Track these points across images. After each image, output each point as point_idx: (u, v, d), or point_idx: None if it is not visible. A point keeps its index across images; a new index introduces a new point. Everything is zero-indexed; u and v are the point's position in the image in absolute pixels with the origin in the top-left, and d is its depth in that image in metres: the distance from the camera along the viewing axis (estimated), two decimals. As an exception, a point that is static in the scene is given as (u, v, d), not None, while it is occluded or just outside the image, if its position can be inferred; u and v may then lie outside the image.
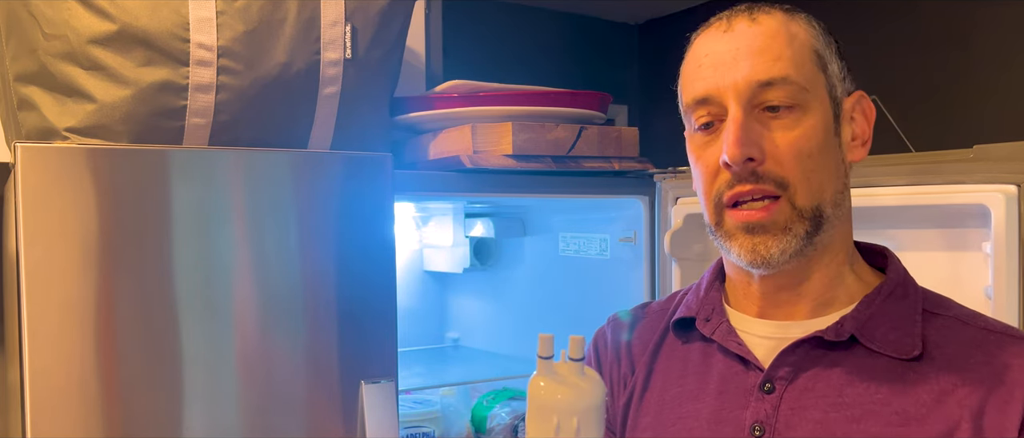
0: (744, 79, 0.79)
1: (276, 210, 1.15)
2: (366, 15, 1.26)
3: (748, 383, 0.83)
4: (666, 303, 0.98)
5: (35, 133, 1.14)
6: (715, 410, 0.84)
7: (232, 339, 1.12)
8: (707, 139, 0.82)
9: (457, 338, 2.07)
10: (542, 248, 1.85)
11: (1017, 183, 1.06)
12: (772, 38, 0.80)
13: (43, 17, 1.10)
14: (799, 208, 0.79)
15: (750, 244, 0.80)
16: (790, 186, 0.79)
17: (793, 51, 0.80)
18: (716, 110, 0.81)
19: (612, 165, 1.43)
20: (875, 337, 0.80)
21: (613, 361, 0.97)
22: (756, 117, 0.79)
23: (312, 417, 1.17)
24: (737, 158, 0.77)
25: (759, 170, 0.78)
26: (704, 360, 0.88)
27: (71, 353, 1.03)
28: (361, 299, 1.20)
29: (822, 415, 0.78)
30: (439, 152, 1.41)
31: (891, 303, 0.82)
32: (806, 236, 0.79)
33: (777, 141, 0.79)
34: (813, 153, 0.80)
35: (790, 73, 0.79)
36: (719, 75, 0.80)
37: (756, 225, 0.79)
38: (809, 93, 0.80)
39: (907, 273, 0.85)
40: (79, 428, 1.03)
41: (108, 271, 1.05)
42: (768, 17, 0.82)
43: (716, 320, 0.88)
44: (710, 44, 0.83)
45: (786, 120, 0.79)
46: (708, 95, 0.81)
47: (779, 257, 0.79)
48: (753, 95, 0.79)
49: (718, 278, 0.93)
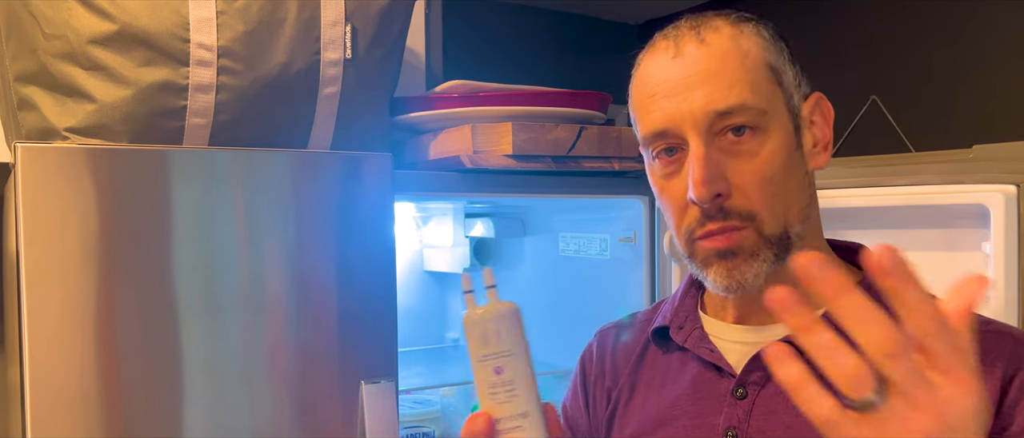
0: (701, 109, 0.77)
1: (276, 210, 1.15)
2: (366, 15, 1.26)
3: (721, 389, 0.83)
4: (651, 312, 0.98)
5: (35, 133, 1.14)
6: (693, 416, 0.84)
7: (232, 339, 1.12)
8: (668, 169, 0.81)
9: (457, 338, 2.07)
10: (542, 248, 1.85)
11: (1016, 183, 1.06)
12: (723, 61, 0.78)
13: (43, 17, 1.10)
14: (766, 236, 0.79)
15: (725, 270, 0.79)
16: (756, 217, 0.78)
17: (746, 71, 0.78)
18: (675, 141, 0.80)
19: (612, 165, 1.43)
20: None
21: (597, 375, 0.98)
22: (717, 145, 0.78)
23: (312, 417, 1.17)
24: (705, 197, 0.76)
25: (726, 206, 0.78)
26: (681, 368, 0.88)
27: (71, 353, 1.03)
28: (361, 299, 1.21)
29: (793, 419, 0.78)
30: (439, 152, 1.41)
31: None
32: (775, 259, 0.79)
33: (741, 169, 0.78)
34: (775, 178, 0.78)
35: (747, 99, 0.77)
36: (674, 105, 0.78)
37: (726, 251, 0.79)
38: (768, 115, 0.78)
39: None
40: (79, 428, 1.03)
41: (108, 271, 1.05)
42: (716, 35, 0.79)
43: (689, 327, 0.88)
44: (660, 71, 0.80)
45: (750, 143, 0.78)
46: (665, 128, 0.79)
47: (752, 281, 0.79)
48: (711, 124, 0.77)
49: (694, 285, 0.93)
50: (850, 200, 1.22)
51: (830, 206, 1.22)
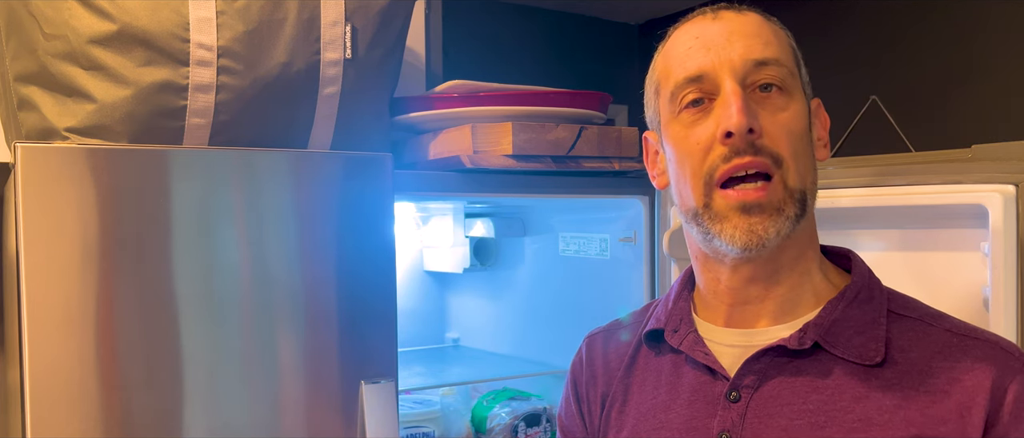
0: (740, 57, 0.80)
1: (276, 210, 1.15)
2: (366, 15, 1.26)
3: (715, 392, 0.84)
4: (640, 315, 0.98)
5: (35, 133, 1.14)
6: (687, 419, 0.84)
7: (232, 339, 1.12)
8: (695, 118, 0.82)
9: (457, 338, 2.07)
10: (542, 248, 1.85)
11: (1015, 183, 1.06)
12: (760, 26, 0.83)
13: (43, 17, 1.10)
14: (790, 188, 0.79)
15: (746, 225, 0.78)
16: (784, 163, 0.79)
17: (779, 42, 0.83)
18: (708, 88, 0.81)
19: (612, 165, 1.43)
20: (838, 343, 0.80)
21: (589, 380, 0.98)
22: (750, 96, 0.80)
23: (312, 417, 1.17)
24: (742, 126, 0.77)
25: (757, 143, 0.78)
26: (675, 370, 0.88)
27: (71, 353, 1.03)
28: (361, 299, 1.21)
29: (787, 422, 0.79)
30: (439, 152, 1.41)
31: (855, 307, 0.82)
32: (795, 218, 0.80)
33: (771, 118, 0.80)
34: (801, 135, 0.81)
35: (780, 57, 0.81)
36: (713, 54, 0.81)
37: (753, 205, 0.78)
38: (794, 80, 0.82)
39: (872, 274, 0.86)
40: (79, 428, 1.03)
41: (108, 271, 1.05)
42: (751, 11, 0.84)
43: (684, 331, 0.88)
44: (698, 29, 0.84)
45: (777, 100, 0.80)
46: (702, 72, 0.81)
47: (774, 239, 0.79)
48: (747, 73, 0.80)
49: (686, 288, 0.93)
50: (850, 200, 1.22)
51: (830, 206, 1.22)
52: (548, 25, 2.57)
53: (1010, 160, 1.07)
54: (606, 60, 2.60)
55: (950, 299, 1.14)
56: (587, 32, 2.65)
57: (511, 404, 1.72)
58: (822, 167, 1.27)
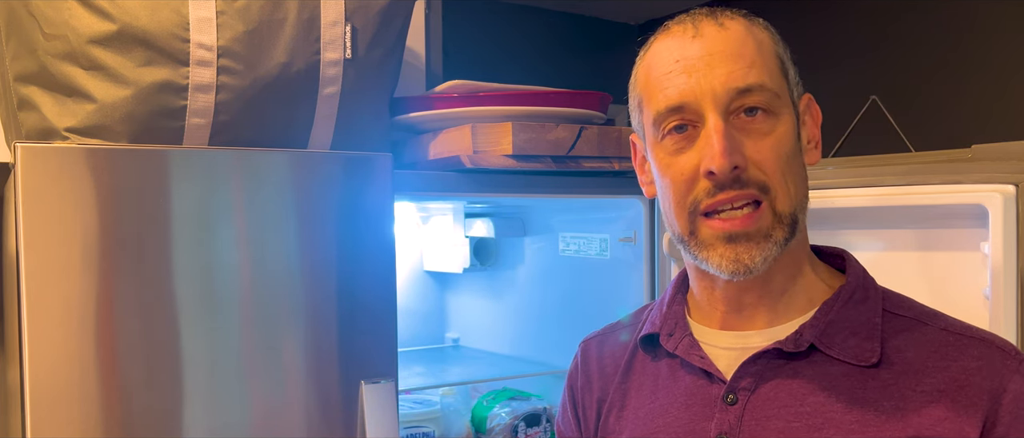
0: (722, 85, 0.78)
1: (276, 210, 1.15)
2: (366, 15, 1.26)
3: (712, 395, 0.83)
4: (635, 319, 0.98)
5: (35, 133, 1.14)
6: (685, 423, 0.84)
7: (232, 339, 1.12)
8: (679, 146, 0.80)
9: (457, 338, 2.07)
10: (542, 248, 1.85)
11: (1015, 183, 1.06)
12: (742, 43, 0.79)
13: (43, 17, 1.10)
14: (779, 213, 0.79)
15: (732, 254, 0.78)
16: (771, 190, 0.78)
17: (763, 57, 0.80)
18: (691, 117, 0.79)
19: (612, 165, 1.43)
20: (834, 345, 0.80)
21: (585, 386, 0.98)
22: (734, 123, 0.78)
23: (312, 417, 1.17)
24: (725, 168, 0.76)
25: (743, 176, 0.78)
26: (671, 374, 0.88)
27: (71, 353, 1.03)
28: (361, 299, 1.21)
29: (784, 424, 0.79)
30: (439, 152, 1.41)
31: (850, 308, 0.82)
32: (784, 242, 0.79)
33: (757, 145, 0.78)
34: (788, 156, 0.79)
35: (765, 80, 0.79)
36: (694, 81, 0.78)
37: (739, 234, 0.78)
38: (780, 100, 0.80)
39: (866, 274, 0.85)
40: (79, 428, 1.03)
41: (108, 271, 1.05)
42: (733, 22, 0.81)
43: (679, 334, 0.88)
44: (679, 49, 0.81)
45: (763, 125, 0.79)
46: (683, 102, 0.79)
47: (761, 265, 0.79)
48: (731, 100, 0.78)
49: (680, 291, 0.93)
50: (850, 200, 1.22)
51: (829, 206, 1.22)
52: (548, 25, 2.57)
53: (1010, 160, 1.07)
54: (606, 60, 2.60)
55: (950, 299, 1.14)
56: (587, 32, 2.65)
57: (511, 404, 1.72)
58: (821, 167, 1.27)
